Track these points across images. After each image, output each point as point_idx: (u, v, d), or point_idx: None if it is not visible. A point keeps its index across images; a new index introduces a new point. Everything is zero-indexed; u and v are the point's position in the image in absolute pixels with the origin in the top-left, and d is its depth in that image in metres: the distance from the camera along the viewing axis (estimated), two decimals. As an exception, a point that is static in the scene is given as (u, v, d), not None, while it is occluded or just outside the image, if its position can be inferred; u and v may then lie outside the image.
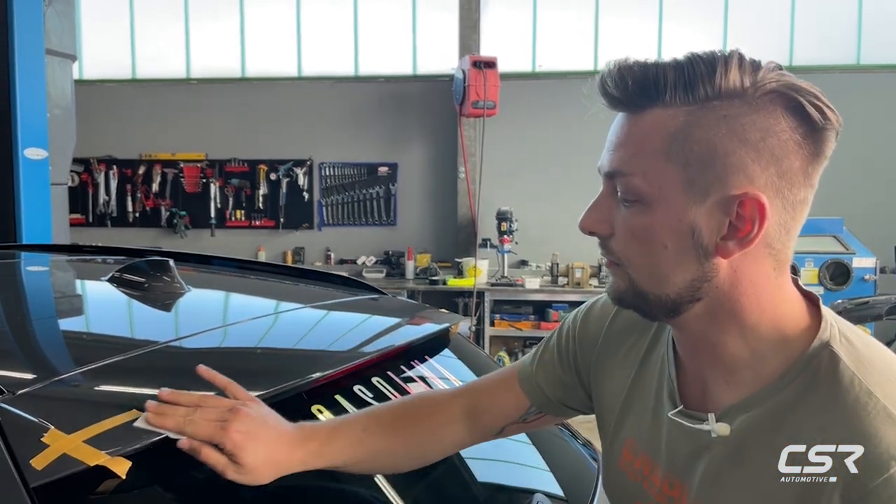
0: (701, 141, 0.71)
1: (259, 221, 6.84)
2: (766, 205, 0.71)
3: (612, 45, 6.52)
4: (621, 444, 0.91)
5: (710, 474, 0.78)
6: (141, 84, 7.01)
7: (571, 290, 5.91)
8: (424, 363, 1.56)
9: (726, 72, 0.71)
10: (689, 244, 0.74)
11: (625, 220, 0.78)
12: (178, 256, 2.22)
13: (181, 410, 0.90)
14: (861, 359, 0.73)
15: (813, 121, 0.72)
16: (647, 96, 0.74)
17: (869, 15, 6.21)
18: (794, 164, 0.72)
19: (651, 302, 0.78)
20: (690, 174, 0.72)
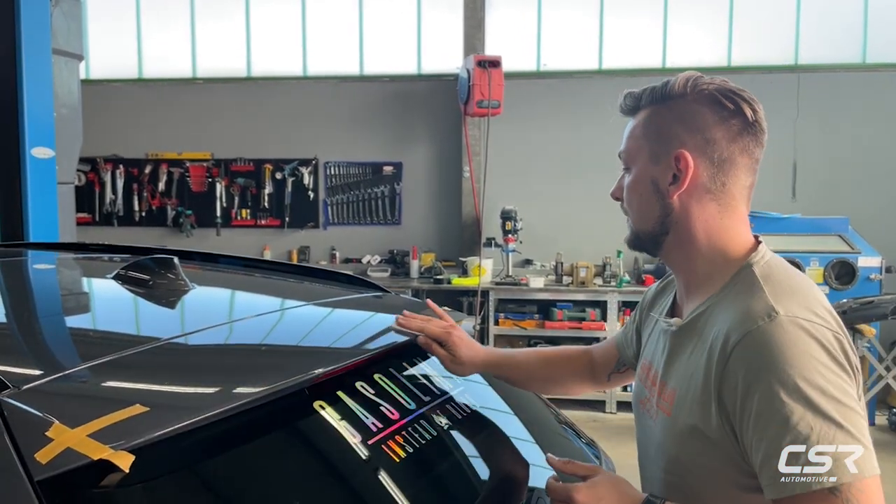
0: (657, 123, 1.15)
1: (264, 220, 6.86)
2: (690, 159, 1.10)
3: (616, 45, 6.51)
4: (641, 362, 1.31)
5: (668, 357, 1.17)
6: (147, 84, 7.04)
7: (576, 289, 5.91)
8: (427, 360, 1.56)
9: (675, 83, 1.13)
10: (652, 191, 1.15)
11: (623, 183, 1.22)
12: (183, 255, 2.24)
13: (419, 319, 1.46)
14: (769, 274, 1.08)
15: (727, 107, 1.10)
16: (635, 105, 1.20)
17: (875, 13, 6.18)
18: (716, 135, 1.10)
19: (642, 238, 1.19)
20: (652, 145, 1.15)
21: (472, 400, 1.53)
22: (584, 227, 6.42)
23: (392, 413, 1.27)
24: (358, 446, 1.15)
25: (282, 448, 1.13)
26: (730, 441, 1.03)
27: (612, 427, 5.52)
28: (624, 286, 5.88)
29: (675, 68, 6.38)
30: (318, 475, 1.15)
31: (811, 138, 6.16)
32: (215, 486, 1.03)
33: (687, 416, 1.09)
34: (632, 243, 1.22)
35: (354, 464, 1.17)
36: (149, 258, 1.55)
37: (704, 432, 1.05)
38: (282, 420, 1.14)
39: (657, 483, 1.18)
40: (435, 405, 1.39)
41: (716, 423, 1.04)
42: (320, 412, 1.17)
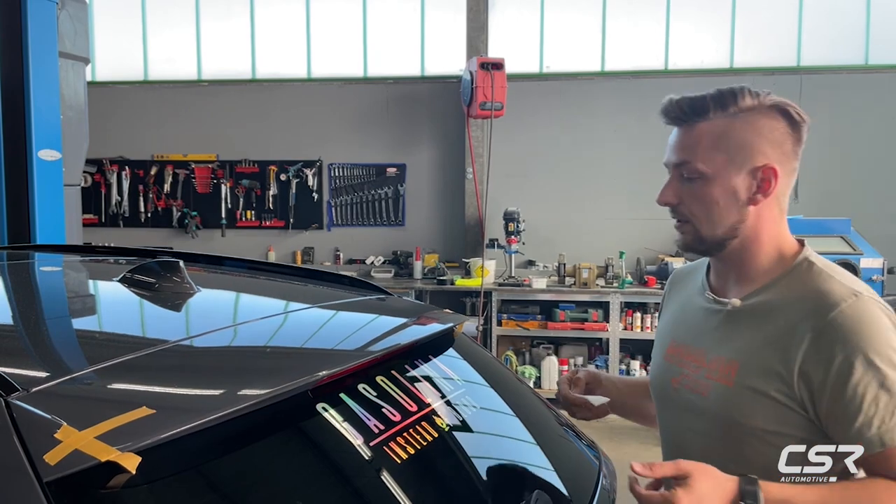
0: (736, 136, 1.22)
1: (269, 222, 6.89)
2: (778, 170, 1.22)
3: (619, 47, 6.52)
4: (666, 345, 1.43)
5: (722, 333, 1.28)
6: (153, 86, 7.08)
7: (578, 290, 5.93)
8: (428, 363, 1.58)
9: (743, 96, 1.23)
10: (732, 200, 1.24)
11: (691, 191, 1.27)
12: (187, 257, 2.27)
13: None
14: (828, 265, 1.25)
15: (794, 120, 1.24)
16: (696, 114, 1.25)
17: (877, 15, 6.18)
18: (787, 147, 1.24)
19: (708, 242, 1.28)
20: (732, 156, 1.23)
21: (472, 401, 1.55)
22: (586, 228, 6.43)
23: (394, 415, 1.29)
24: (360, 448, 1.17)
25: (285, 450, 1.15)
26: (804, 405, 1.17)
27: (613, 428, 5.53)
28: (626, 287, 5.89)
29: (677, 70, 6.40)
30: (321, 477, 1.17)
31: (814, 140, 6.07)
32: (220, 487, 1.05)
33: (756, 384, 1.21)
34: (690, 246, 1.31)
35: (357, 465, 1.19)
36: (155, 261, 1.57)
37: (776, 398, 1.18)
38: (285, 422, 1.16)
39: (711, 453, 1.21)
40: (436, 407, 1.41)
41: (793, 390, 1.17)
42: (323, 414, 1.19)
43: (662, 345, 1.44)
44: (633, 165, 6.43)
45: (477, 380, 1.74)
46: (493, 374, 1.80)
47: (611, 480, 1.71)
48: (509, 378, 1.96)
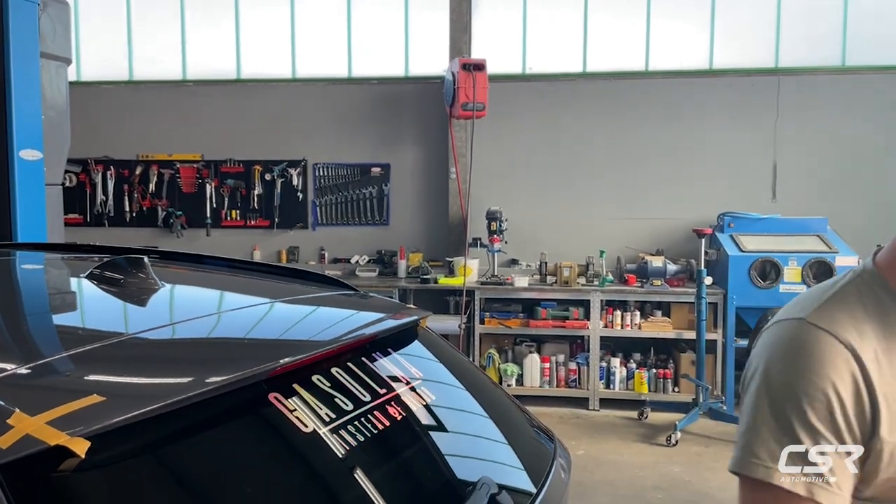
0: None
1: (254, 221, 6.92)
2: None
3: (600, 48, 6.59)
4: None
5: None
6: (138, 86, 7.11)
7: (559, 289, 5.99)
8: (388, 356, 1.64)
9: None
10: None
11: None
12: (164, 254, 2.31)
13: None
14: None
15: None
16: None
17: (853, 17, 6.27)
18: None
19: None
20: None
21: (433, 392, 1.60)
22: (567, 227, 6.50)
23: (346, 404, 1.34)
24: (311, 436, 1.22)
25: (239, 437, 1.21)
26: None
27: (595, 424, 5.61)
28: (606, 285, 5.96)
29: (658, 71, 6.48)
30: (271, 463, 1.22)
31: (791, 140, 6.25)
32: (173, 473, 1.10)
33: None
34: None
35: (307, 452, 1.24)
36: (122, 258, 1.62)
37: None
38: (239, 411, 1.21)
39: None
40: (392, 397, 1.46)
41: None
42: (276, 404, 1.24)
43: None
44: (614, 165, 6.50)
45: (440, 372, 1.80)
46: (457, 367, 1.85)
47: (566, 465, 1.77)
48: (473, 371, 2.02)
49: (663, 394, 5.87)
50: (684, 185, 6.40)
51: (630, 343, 6.10)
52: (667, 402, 5.80)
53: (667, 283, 5.90)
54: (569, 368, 6.03)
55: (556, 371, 6.04)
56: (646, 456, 4.90)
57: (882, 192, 6.11)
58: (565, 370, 6.04)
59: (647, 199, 6.45)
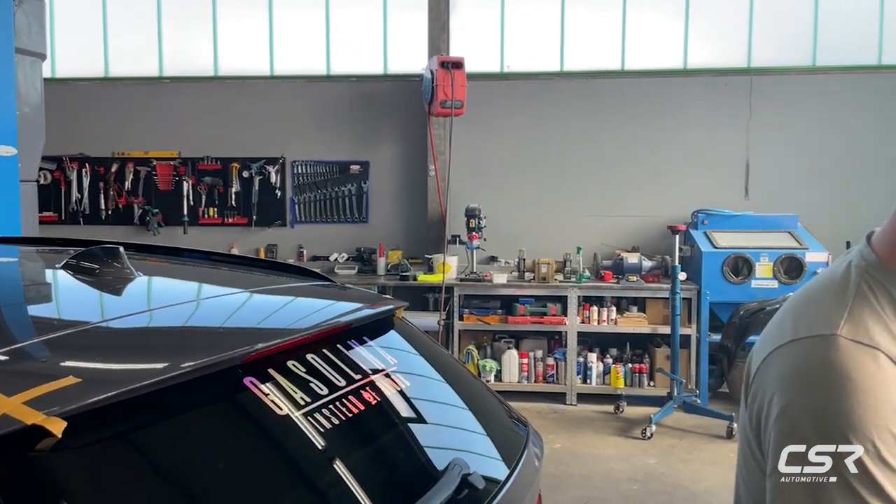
0: None
1: (232, 219, 6.90)
2: None
3: (577, 47, 6.67)
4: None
5: None
6: (113, 82, 7.05)
7: (537, 285, 6.05)
8: (364, 345, 1.66)
9: None
10: None
11: None
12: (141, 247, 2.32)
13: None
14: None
15: None
16: None
17: (824, 19, 6.41)
18: None
19: None
20: None
21: (408, 379, 1.64)
22: (545, 224, 6.57)
23: (321, 389, 1.37)
24: (285, 419, 1.25)
25: (214, 420, 1.23)
26: None
27: (572, 418, 5.67)
28: (583, 282, 6.03)
29: (634, 71, 6.57)
30: (246, 445, 1.25)
31: (763, 139, 6.37)
32: (148, 453, 1.12)
33: None
34: None
35: (281, 435, 1.27)
36: (98, 248, 1.63)
37: None
38: (214, 394, 1.23)
39: None
40: (367, 383, 1.49)
41: None
42: (251, 388, 1.26)
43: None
44: (590, 164, 6.58)
45: (416, 361, 1.83)
46: (432, 356, 1.88)
47: (539, 451, 1.81)
48: (448, 361, 2.06)
49: (639, 388, 5.95)
50: (660, 182, 6.49)
51: (606, 338, 6.18)
52: (642, 396, 5.89)
53: (642, 279, 5.98)
54: (547, 364, 6.10)
55: (535, 367, 6.10)
56: (621, 449, 4.97)
57: (850, 190, 6.25)
58: (543, 366, 6.10)
59: (624, 196, 6.54)
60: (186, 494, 1.13)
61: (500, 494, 1.47)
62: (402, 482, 1.37)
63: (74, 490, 0.99)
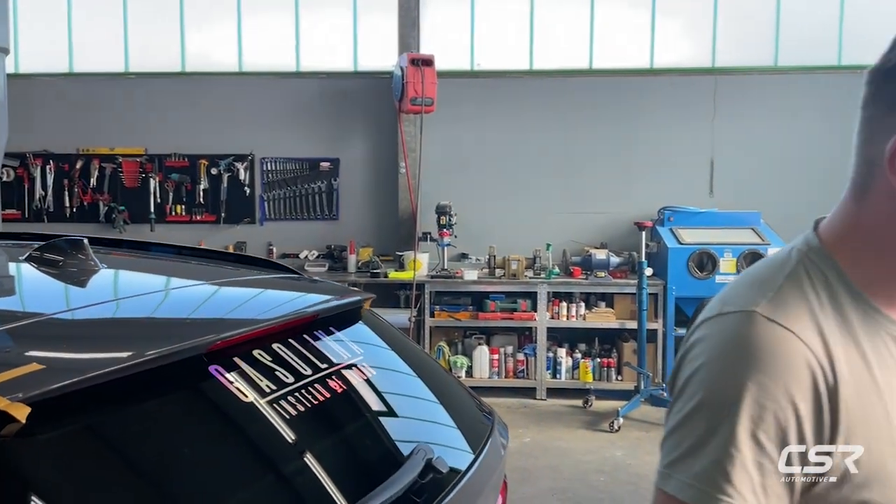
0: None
1: (200, 216, 6.83)
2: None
3: (546, 46, 6.74)
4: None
5: None
6: (78, 78, 6.93)
7: (508, 281, 6.11)
8: (331, 336, 1.68)
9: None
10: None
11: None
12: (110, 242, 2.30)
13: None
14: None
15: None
16: None
17: (786, 19, 6.56)
18: None
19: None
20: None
21: (376, 368, 1.66)
22: (515, 221, 6.62)
23: (287, 377, 1.39)
24: (250, 406, 1.27)
25: (177, 406, 1.24)
26: None
27: (541, 412, 5.74)
28: (553, 278, 6.10)
29: (602, 70, 6.66)
30: (209, 431, 1.26)
31: (727, 137, 6.51)
32: (112, 439, 1.13)
33: None
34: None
35: (245, 421, 1.28)
36: (62, 240, 1.63)
37: None
38: (179, 382, 1.25)
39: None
40: (334, 371, 1.51)
41: None
42: (216, 375, 1.28)
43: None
44: (560, 161, 6.65)
45: (383, 350, 1.86)
46: (399, 347, 1.91)
47: (504, 437, 1.85)
48: (416, 351, 2.08)
49: (607, 382, 6.04)
50: (627, 180, 6.60)
51: (575, 334, 6.26)
52: (610, 390, 5.98)
53: (610, 274, 6.07)
54: (517, 359, 6.15)
55: (505, 362, 6.15)
56: (589, 442, 5.05)
57: (812, 187, 6.40)
58: (514, 361, 6.16)
59: (592, 193, 6.62)
60: (151, 480, 1.14)
61: (465, 478, 1.50)
62: (367, 467, 1.39)
63: (39, 475, 1.00)
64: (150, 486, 1.14)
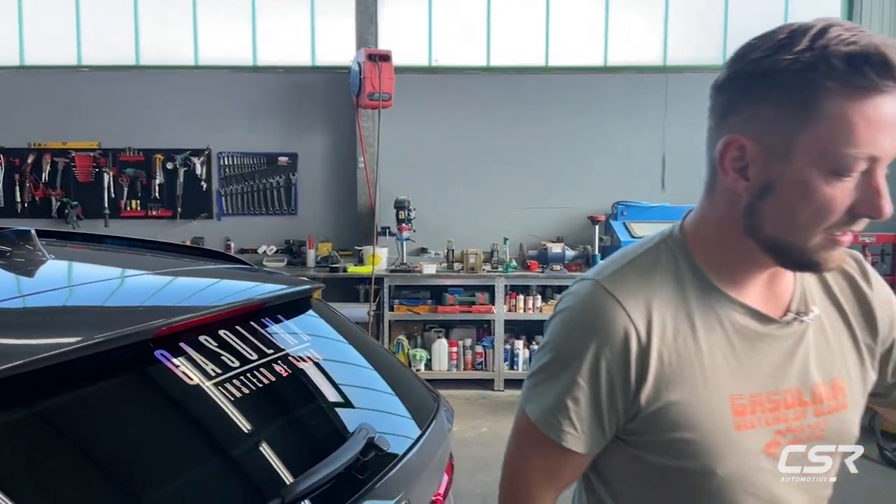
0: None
1: (156, 211, 6.75)
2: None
3: (503, 43, 6.84)
4: (724, 410, 0.97)
5: (818, 353, 1.02)
6: (29, 71, 6.79)
7: (466, 275, 6.19)
8: (279, 323, 1.73)
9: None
10: None
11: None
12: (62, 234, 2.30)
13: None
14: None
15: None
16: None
17: (734, 19, 6.77)
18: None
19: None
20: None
21: (322, 353, 1.71)
22: (473, 216, 6.72)
23: (232, 361, 1.43)
24: (195, 389, 1.31)
25: (123, 390, 1.28)
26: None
27: (499, 403, 5.84)
28: (510, 271, 6.21)
29: (557, 67, 6.79)
30: (155, 414, 1.30)
31: (678, 134, 6.70)
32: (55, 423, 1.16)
33: (863, 390, 1.06)
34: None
35: (190, 404, 1.33)
36: (8, 230, 1.64)
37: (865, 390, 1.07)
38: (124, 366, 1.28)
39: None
40: (281, 356, 1.56)
41: (874, 373, 1.07)
42: (162, 360, 1.32)
43: (711, 414, 0.96)
44: (517, 157, 6.76)
45: (332, 337, 1.91)
46: (348, 333, 1.96)
47: (450, 417, 1.92)
48: (364, 337, 2.14)
49: (563, 373, 6.16)
50: (583, 175, 6.74)
51: (533, 326, 6.38)
52: (566, 381, 6.10)
53: (566, 268, 6.20)
54: (475, 352, 6.25)
55: (464, 355, 6.24)
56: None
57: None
58: (472, 353, 6.25)
59: (549, 189, 6.75)
60: (98, 463, 1.18)
61: (408, 456, 1.57)
62: (311, 446, 1.45)
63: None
64: (96, 468, 1.18)
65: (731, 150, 0.94)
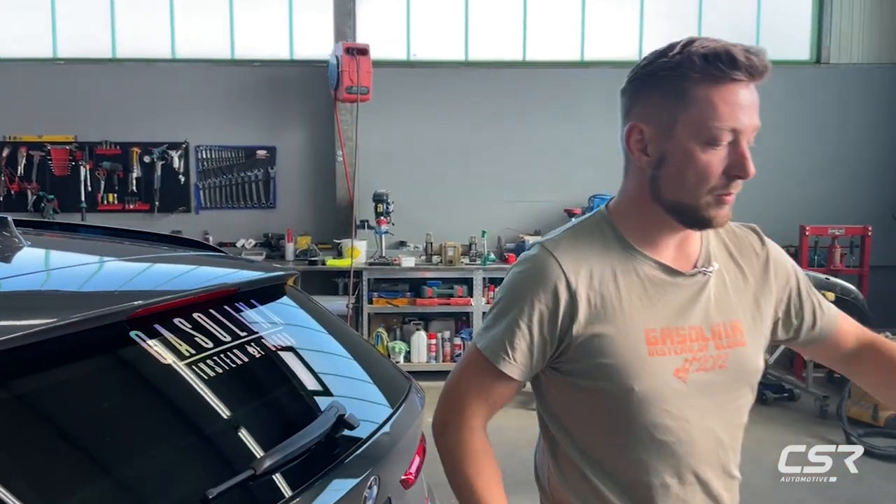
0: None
1: (133, 205, 6.73)
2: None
3: (481, 38, 6.89)
4: (639, 340, 1.23)
5: (717, 299, 1.28)
6: (4, 64, 6.72)
7: (444, 268, 6.25)
8: (254, 309, 1.77)
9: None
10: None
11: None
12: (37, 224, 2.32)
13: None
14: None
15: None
16: (763, 73, 1.14)
17: (708, 16, 6.89)
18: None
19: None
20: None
21: (295, 337, 1.76)
22: (452, 209, 6.77)
23: (206, 343, 1.47)
24: (169, 369, 1.35)
25: (99, 370, 1.32)
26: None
27: (477, 395, 5.90)
28: (488, 264, 6.28)
29: (535, 62, 6.86)
30: (129, 392, 1.34)
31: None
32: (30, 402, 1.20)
33: (761, 330, 1.32)
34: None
35: (163, 383, 1.37)
36: (-17, 219, 1.67)
37: (765, 334, 1.34)
38: (99, 346, 1.32)
39: (729, 429, 1.29)
40: (252, 339, 1.60)
41: (770, 318, 1.34)
42: (137, 341, 1.36)
43: (629, 343, 1.22)
44: (495, 151, 6.82)
45: (305, 321, 1.95)
46: (322, 318, 2.01)
47: (421, 398, 1.98)
48: (337, 322, 2.18)
49: (540, 364, 6.25)
50: (560, 169, 6.82)
51: (510, 318, 6.43)
52: (543, 372, 6.19)
53: (543, 260, 6.28)
54: (454, 344, 6.31)
55: (443, 347, 6.30)
56: (522, 420, 5.23)
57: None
58: (451, 345, 6.31)
59: (526, 182, 6.82)
60: (71, 438, 1.21)
61: (379, 434, 1.62)
62: (283, 422, 1.50)
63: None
64: (73, 446, 1.21)
65: (634, 134, 1.21)
